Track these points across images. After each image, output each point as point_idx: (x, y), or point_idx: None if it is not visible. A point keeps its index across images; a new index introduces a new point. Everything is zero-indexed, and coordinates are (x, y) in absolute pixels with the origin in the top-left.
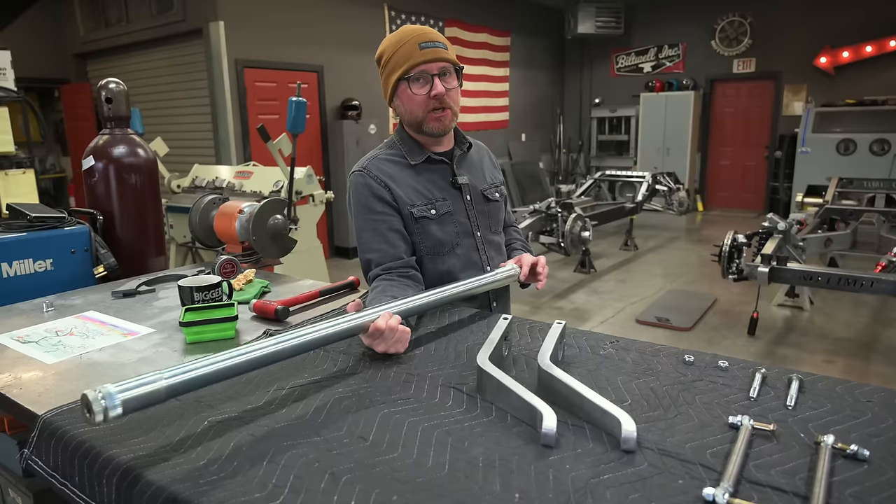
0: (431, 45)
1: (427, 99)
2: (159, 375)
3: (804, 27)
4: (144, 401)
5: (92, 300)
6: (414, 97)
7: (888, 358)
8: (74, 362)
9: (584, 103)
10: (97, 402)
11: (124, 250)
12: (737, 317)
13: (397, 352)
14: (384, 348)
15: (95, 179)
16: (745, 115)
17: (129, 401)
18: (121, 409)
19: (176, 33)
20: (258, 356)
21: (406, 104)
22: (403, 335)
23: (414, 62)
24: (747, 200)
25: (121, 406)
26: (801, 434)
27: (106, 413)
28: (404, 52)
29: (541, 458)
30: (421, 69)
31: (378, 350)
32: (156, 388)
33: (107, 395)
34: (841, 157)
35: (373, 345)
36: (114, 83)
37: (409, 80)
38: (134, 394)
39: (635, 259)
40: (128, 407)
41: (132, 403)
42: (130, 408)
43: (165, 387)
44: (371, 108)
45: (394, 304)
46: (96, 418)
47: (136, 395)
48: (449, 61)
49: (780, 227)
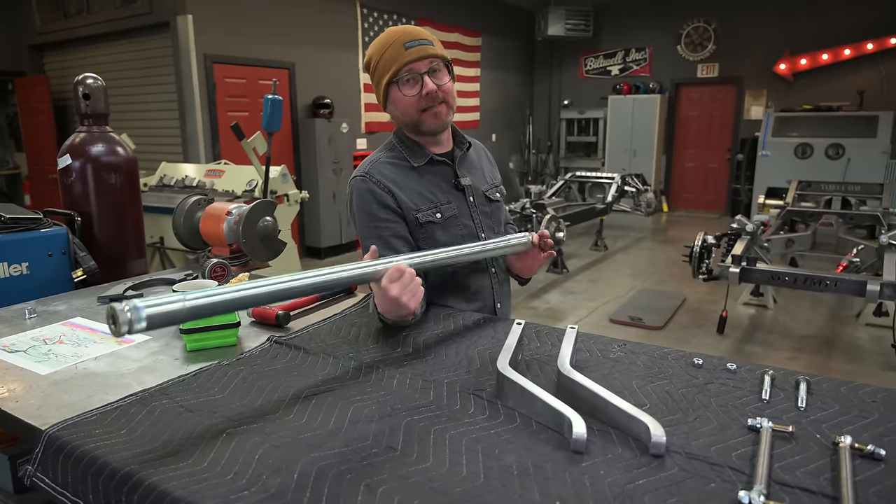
0: (416, 43)
1: (419, 98)
2: (182, 296)
3: (765, 35)
4: (168, 318)
5: (77, 306)
6: (405, 99)
7: (848, 354)
8: (70, 372)
9: (553, 104)
10: (123, 314)
11: (103, 253)
12: (705, 315)
13: (407, 305)
14: (397, 293)
15: (72, 179)
16: (708, 119)
17: (154, 316)
18: (145, 323)
19: (141, 26)
20: (278, 288)
21: (399, 106)
22: (418, 288)
23: (400, 63)
24: (710, 202)
25: (146, 320)
26: (816, 435)
27: (131, 325)
28: (390, 54)
29: (574, 465)
30: (408, 69)
31: (391, 293)
32: (179, 307)
33: (133, 309)
34: (799, 161)
35: (387, 289)
36: (91, 78)
37: (399, 83)
38: (159, 310)
39: (605, 259)
40: (152, 321)
41: (156, 319)
42: (154, 323)
43: (188, 307)
44: (343, 107)
45: (406, 257)
46: (121, 329)
47: (160, 311)
48: (436, 56)
49: (749, 229)
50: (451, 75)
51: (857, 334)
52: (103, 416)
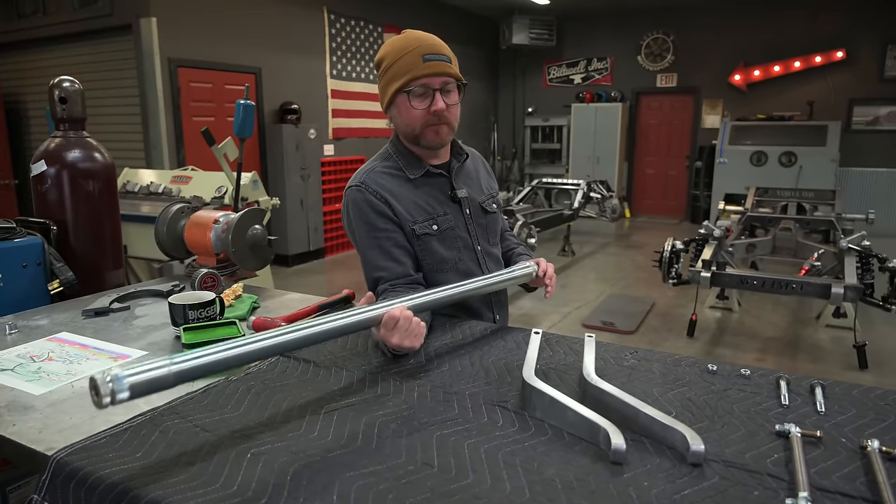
0: (436, 58)
1: (426, 114)
2: (168, 361)
3: (720, 47)
4: (152, 385)
5: (60, 320)
6: (412, 111)
7: (811, 355)
8: (66, 392)
9: (517, 112)
10: (104, 385)
11: (80, 263)
12: (674, 319)
13: (412, 347)
14: (398, 340)
15: (47, 186)
16: (667, 127)
17: (137, 385)
18: (128, 393)
19: (102, 28)
20: (269, 344)
21: (404, 116)
22: (418, 328)
23: (416, 75)
24: (670, 207)
25: (128, 389)
26: (842, 439)
27: (114, 396)
28: (407, 62)
29: (616, 476)
30: (422, 82)
31: (392, 342)
32: (164, 374)
33: (114, 378)
34: (754, 168)
35: (386, 337)
36: (68, 81)
37: (410, 94)
38: (142, 378)
39: (573, 265)
40: (135, 391)
41: (139, 388)
42: (137, 392)
43: (175, 372)
44: (311, 113)
45: (406, 299)
46: (104, 401)
47: (144, 380)
48: (452, 76)
49: (716, 234)
50: (461, 97)
51: (818, 335)
52: (113, 438)
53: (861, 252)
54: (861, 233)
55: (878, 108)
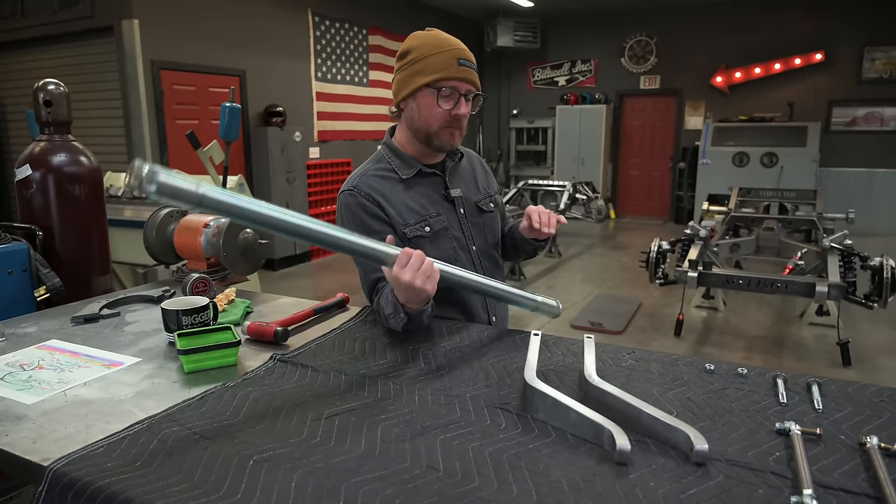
0: (470, 66)
1: (447, 115)
2: (197, 183)
3: (702, 49)
4: (176, 193)
5: (48, 328)
6: (437, 109)
7: (795, 353)
8: (59, 401)
9: (502, 114)
10: (140, 169)
11: (67, 269)
12: (661, 319)
13: (423, 287)
14: (410, 277)
15: (32, 191)
16: (651, 129)
17: (165, 185)
18: (155, 187)
19: (83, 30)
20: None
21: (424, 112)
22: (433, 271)
23: (448, 75)
24: (654, 208)
25: (156, 184)
26: (841, 436)
27: (142, 183)
28: (441, 60)
29: (622, 477)
30: (453, 84)
31: (404, 279)
32: (192, 190)
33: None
34: (737, 169)
35: (399, 275)
36: (53, 84)
37: (439, 92)
38: (172, 182)
39: (560, 266)
40: (162, 189)
41: (166, 189)
42: (164, 191)
43: (199, 194)
44: (296, 115)
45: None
46: (132, 180)
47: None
48: (478, 86)
49: (702, 235)
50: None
51: (802, 333)
52: (111, 447)
53: (843, 251)
54: (843, 232)
55: (855, 109)
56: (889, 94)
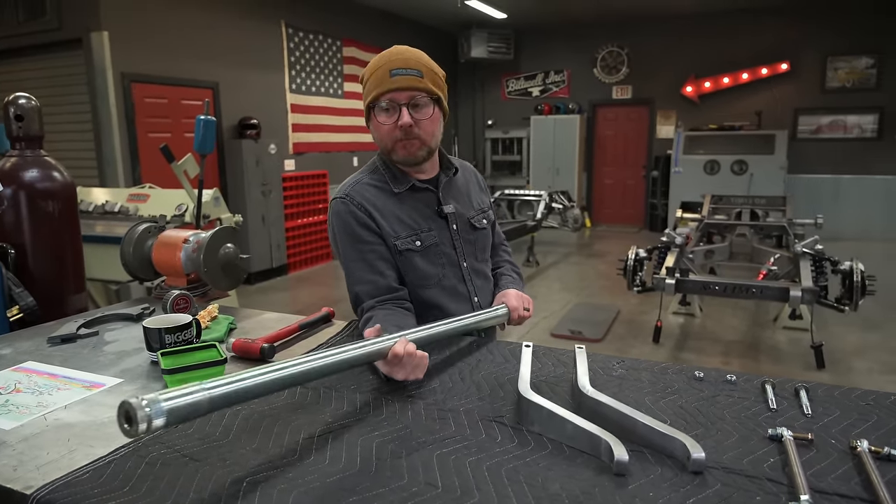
0: (402, 73)
1: (393, 128)
2: (200, 386)
3: (672, 59)
4: (188, 412)
5: (24, 349)
6: (380, 126)
7: (771, 356)
8: (39, 425)
9: (477, 125)
10: (141, 410)
11: (40, 288)
12: (639, 326)
13: (416, 378)
14: (404, 375)
15: (3, 207)
16: (624, 138)
17: (174, 410)
18: (164, 419)
19: (50, 42)
20: (296, 372)
21: (376, 132)
22: (422, 361)
23: (381, 90)
24: (629, 216)
25: (165, 415)
26: (831, 441)
27: (150, 422)
28: (377, 77)
29: (622, 488)
30: (388, 97)
31: (398, 377)
32: (198, 399)
33: (151, 403)
34: (708, 176)
35: (392, 372)
36: (24, 98)
37: (375, 109)
38: (179, 403)
39: (538, 275)
40: (172, 416)
41: (177, 413)
42: (175, 418)
43: (208, 398)
44: (270, 128)
45: (408, 333)
46: (139, 427)
47: (181, 405)
48: (422, 90)
49: (678, 242)
50: (443, 110)
51: (777, 337)
52: (96, 472)
53: (815, 256)
54: (814, 237)
55: (820, 117)
56: (852, 103)
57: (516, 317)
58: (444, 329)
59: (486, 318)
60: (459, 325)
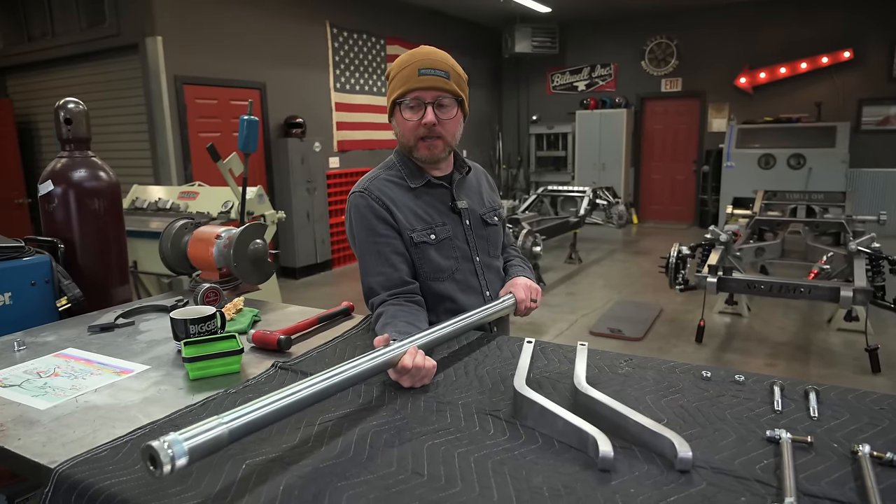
0: (430, 73)
1: (417, 126)
2: (219, 420)
3: (725, 50)
4: (209, 448)
5: (67, 336)
6: (405, 122)
7: (823, 359)
8: (70, 406)
9: (521, 120)
10: (164, 452)
11: (87, 280)
12: (682, 325)
13: (423, 385)
14: (410, 383)
15: (54, 205)
16: (673, 132)
17: (196, 448)
18: (187, 459)
19: (109, 48)
20: (311, 393)
21: (399, 127)
22: (430, 371)
23: (408, 87)
24: (678, 213)
25: (187, 455)
26: (834, 444)
27: (174, 463)
28: (404, 75)
29: (604, 484)
30: (415, 95)
31: (404, 384)
32: (219, 434)
33: (173, 443)
34: (762, 171)
35: (400, 380)
36: (73, 103)
37: (401, 105)
38: (199, 441)
39: (580, 272)
40: (194, 455)
41: (198, 451)
42: (196, 456)
43: (227, 431)
44: (315, 126)
45: (416, 338)
46: (164, 469)
47: (201, 443)
48: (448, 91)
49: (723, 239)
50: (464, 112)
51: (830, 339)
52: (114, 451)
53: (871, 254)
54: (870, 234)
55: (888, 107)
56: None
57: (523, 308)
58: (452, 329)
59: (493, 311)
60: (468, 322)
